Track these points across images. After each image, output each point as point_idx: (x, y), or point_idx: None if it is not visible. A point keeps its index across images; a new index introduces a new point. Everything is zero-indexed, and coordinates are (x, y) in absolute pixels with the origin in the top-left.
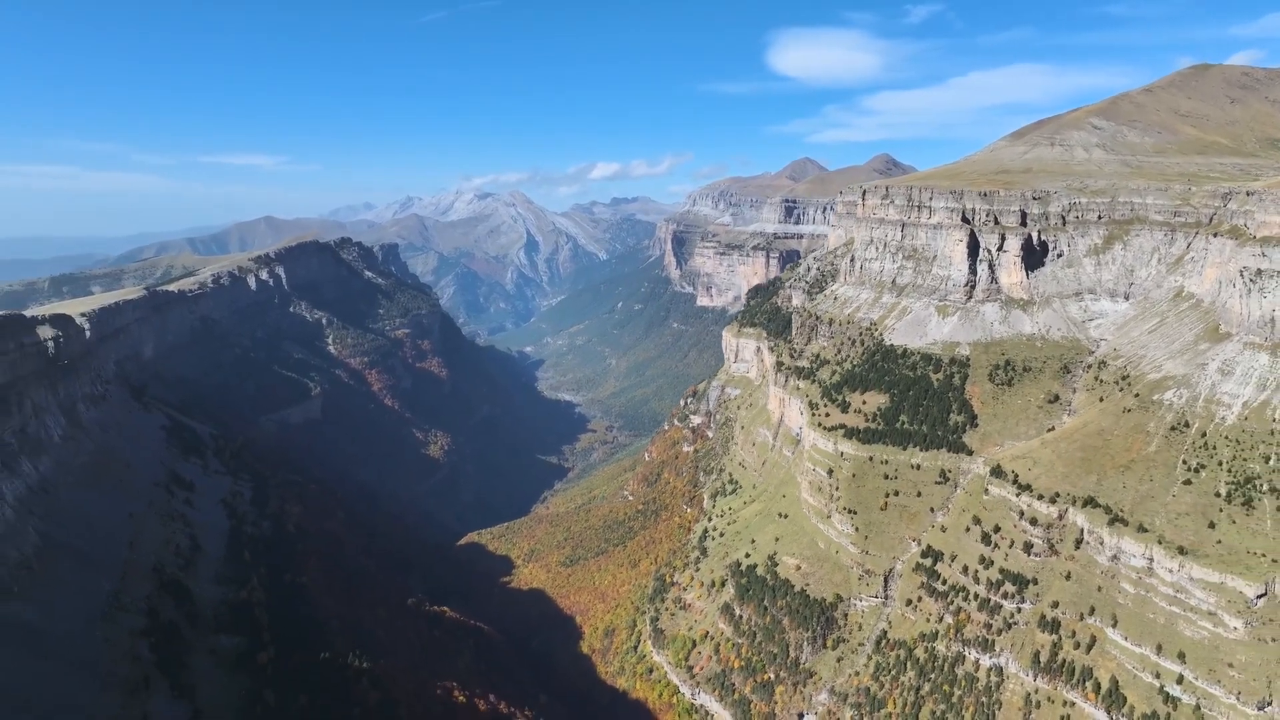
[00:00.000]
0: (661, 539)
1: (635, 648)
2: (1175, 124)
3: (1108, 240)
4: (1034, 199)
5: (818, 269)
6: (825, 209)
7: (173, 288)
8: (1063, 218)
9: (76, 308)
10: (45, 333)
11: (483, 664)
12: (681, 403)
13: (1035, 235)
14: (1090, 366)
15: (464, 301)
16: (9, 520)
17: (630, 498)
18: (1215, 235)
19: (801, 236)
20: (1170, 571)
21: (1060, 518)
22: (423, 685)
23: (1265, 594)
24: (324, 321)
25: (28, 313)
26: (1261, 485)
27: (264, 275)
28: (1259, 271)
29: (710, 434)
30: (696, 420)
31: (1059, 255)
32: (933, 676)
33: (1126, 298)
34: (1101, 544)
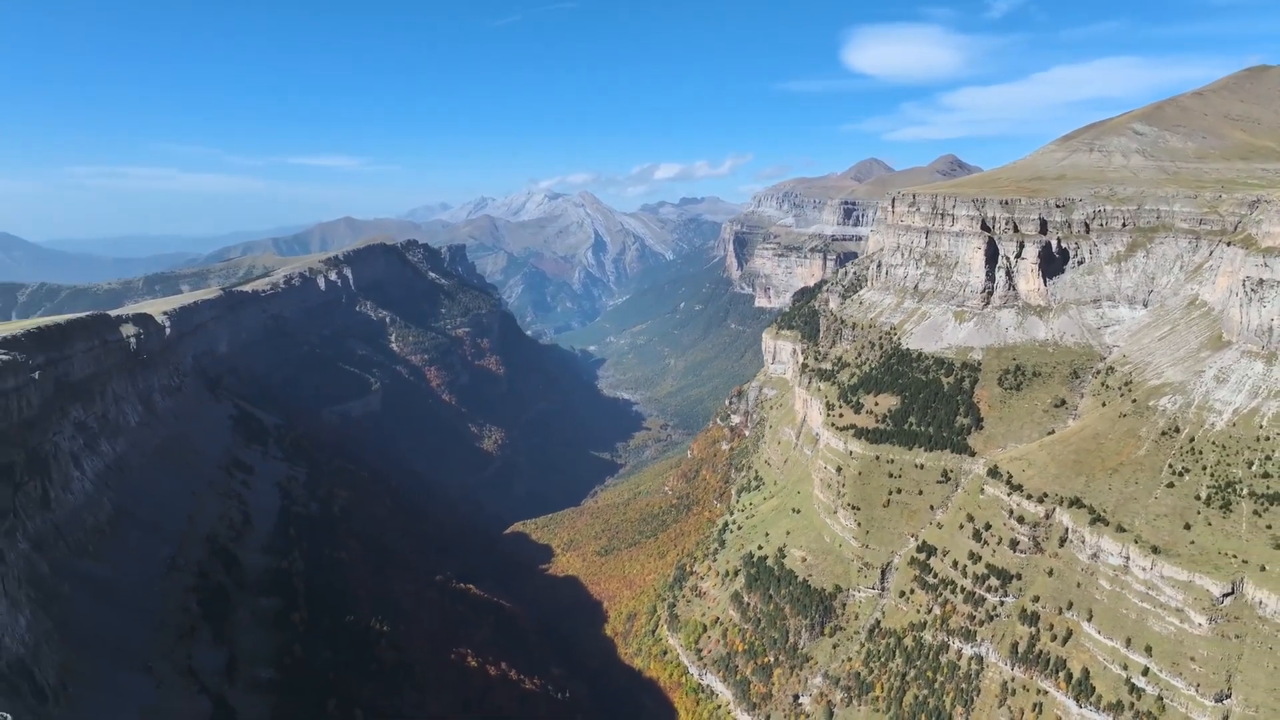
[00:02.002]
0: (690, 532)
1: (653, 631)
2: (1223, 128)
3: (1131, 247)
4: (1057, 206)
5: (854, 273)
6: None
7: (248, 288)
8: (1086, 225)
9: (162, 306)
10: (128, 330)
11: (501, 637)
12: (726, 402)
13: (1055, 242)
14: (1099, 372)
15: (531, 301)
16: (88, 492)
17: (669, 493)
18: (1229, 244)
19: (859, 238)
20: (1144, 569)
21: (1047, 517)
22: (439, 650)
23: (1232, 593)
24: (387, 320)
25: (115, 312)
26: (1241, 490)
27: (333, 276)
28: (1260, 281)
29: (747, 433)
30: (736, 419)
31: (1080, 262)
32: (918, 663)
33: (1145, 305)
34: (1083, 542)
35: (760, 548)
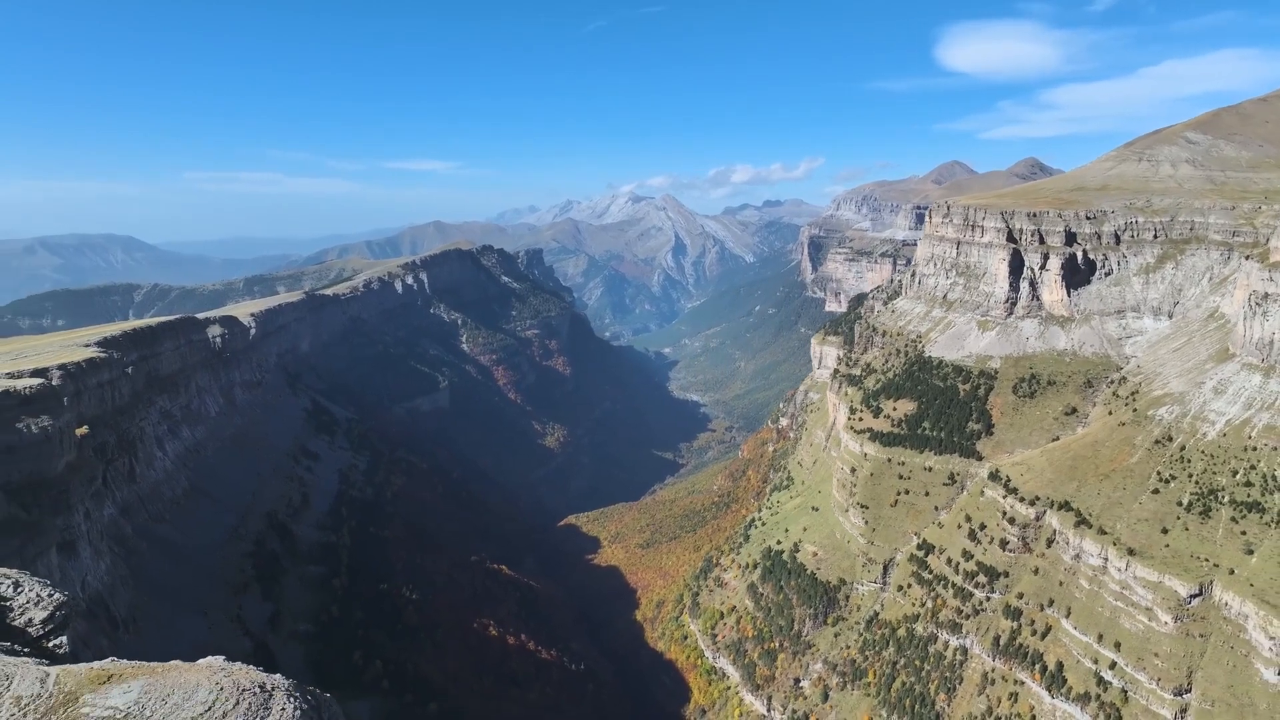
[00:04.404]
0: (725, 528)
1: (677, 617)
2: None
3: (1161, 259)
4: (1087, 218)
5: (898, 281)
6: None
7: (329, 291)
8: (1116, 236)
9: (253, 307)
10: (213, 331)
11: (525, 613)
12: (780, 405)
13: (1081, 254)
14: (1112, 382)
15: (610, 303)
16: (169, 470)
17: (715, 491)
18: (1247, 257)
19: None
20: (1119, 570)
21: (1038, 519)
22: (463, 619)
23: (1200, 594)
24: (459, 322)
25: (206, 314)
26: (1223, 497)
27: (409, 280)
28: (1265, 295)
29: (791, 435)
30: (784, 422)
31: (1107, 273)
32: (908, 653)
33: (1170, 317)
34: (1067, 543)
35: (779, 542)
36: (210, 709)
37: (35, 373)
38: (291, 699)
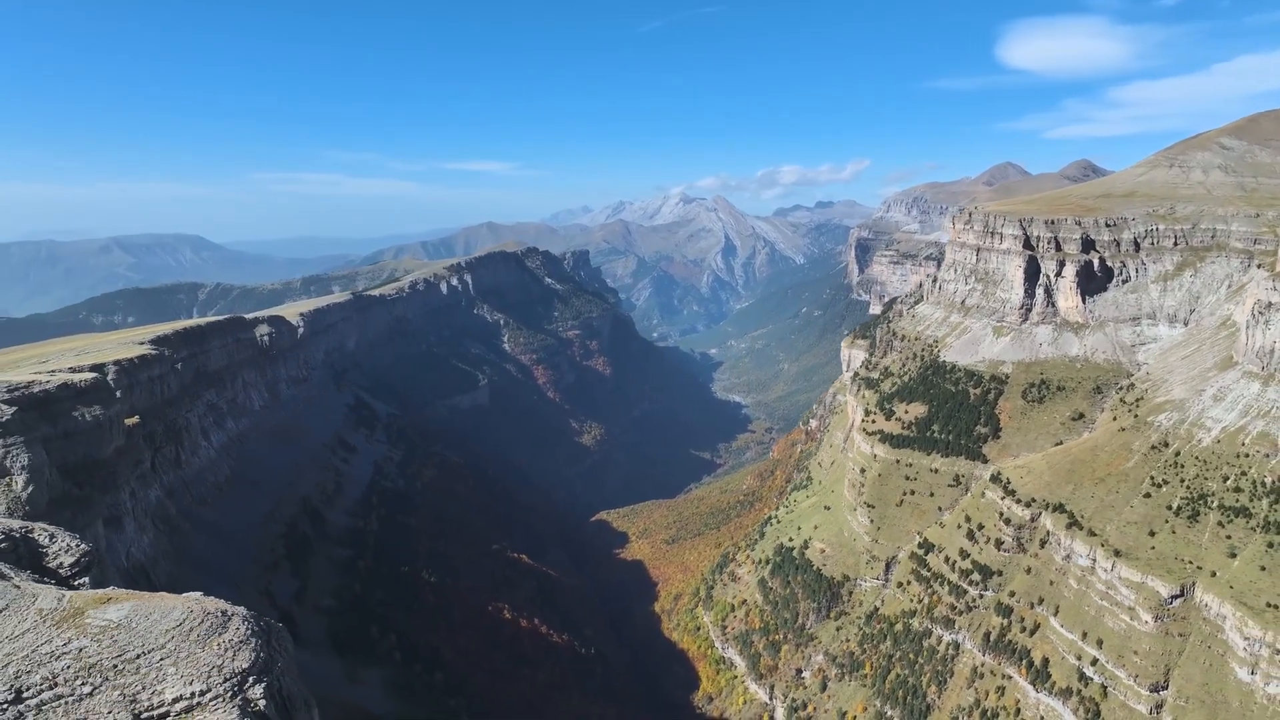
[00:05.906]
0: (747, 525)
1: (692, 610)
2: None
3: (1180, 266)
4: (1107, 225)
5: (924, 287)
6: None
7: (375, 292)
8: (1136, 243)
9: (304, 307)
10: (261, 330)
11: (541, 599)
12: (814, 407)
13: (1098, 261)
14: (1121, 388)
15: (659, 304)
16: (213, 458)
17: (743, 490)
18: (1259, 266)
19: None
20: (1105, 570)
21: (1033, 520)
22: (479, 602)
23: (1182, 595)
24: (502, 322)
25: (254, 314)
26: (1212, 502)
27: (454, 281)
28: (1269, 304)
29: (819, 436)
30: (814, 423)
31: (1125, 280)
32: (904, 646)
33: (1185, 324)
34: (1059, 544)
35: (790, 539)
36: (181, 624)
37: (93, 368)
38: (246, 623)
